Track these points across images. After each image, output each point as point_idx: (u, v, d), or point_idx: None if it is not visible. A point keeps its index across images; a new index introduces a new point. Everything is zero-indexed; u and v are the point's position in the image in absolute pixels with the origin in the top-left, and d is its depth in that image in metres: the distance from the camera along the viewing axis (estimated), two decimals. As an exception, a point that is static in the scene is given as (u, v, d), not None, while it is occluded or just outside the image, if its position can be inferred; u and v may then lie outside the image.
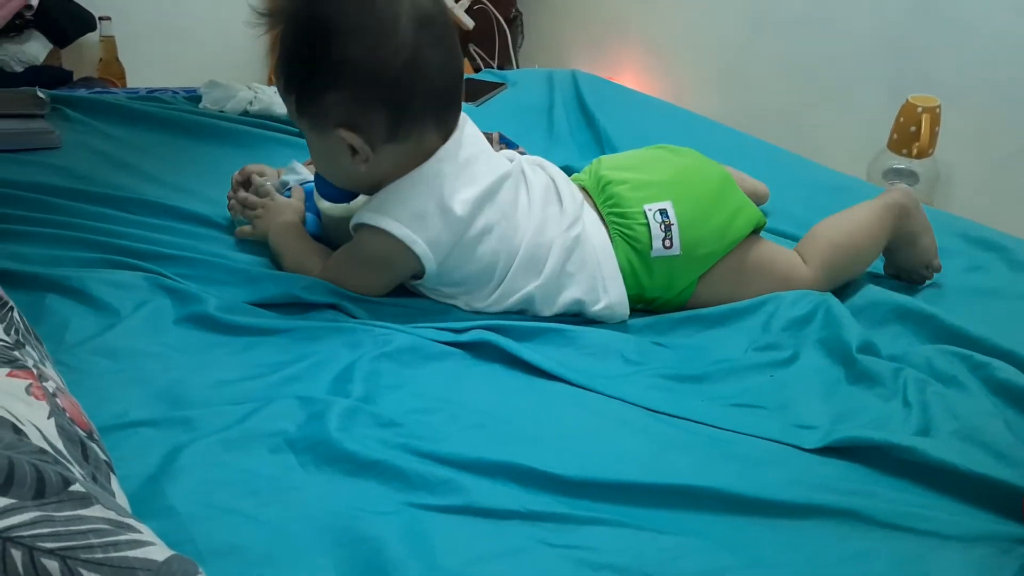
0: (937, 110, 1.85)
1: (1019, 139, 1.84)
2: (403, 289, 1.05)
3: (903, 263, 1.13)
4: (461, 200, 0.97)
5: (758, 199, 1.24)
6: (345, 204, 1.07)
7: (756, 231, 1.11)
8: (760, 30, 2.30)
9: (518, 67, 3.02)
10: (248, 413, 0.77)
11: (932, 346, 0.95)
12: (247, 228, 1.12)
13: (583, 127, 1.69)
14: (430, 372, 0.88)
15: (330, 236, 1.09)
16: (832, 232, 1.11)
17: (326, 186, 1.04)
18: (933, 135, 1.85)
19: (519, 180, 1.04)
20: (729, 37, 2.40)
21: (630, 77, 2.66)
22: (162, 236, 1.08)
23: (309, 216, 1.11)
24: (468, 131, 1.03)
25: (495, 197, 1.00)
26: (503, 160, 1.05)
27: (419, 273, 1.00)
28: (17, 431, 0.57)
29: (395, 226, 0.97)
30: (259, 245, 1.11)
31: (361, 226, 0.99)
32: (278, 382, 0.83)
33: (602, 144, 1.60)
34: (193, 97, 1.57)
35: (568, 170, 1.17)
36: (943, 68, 1.93)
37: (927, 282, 1.13)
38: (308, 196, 1.13)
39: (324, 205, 1.09)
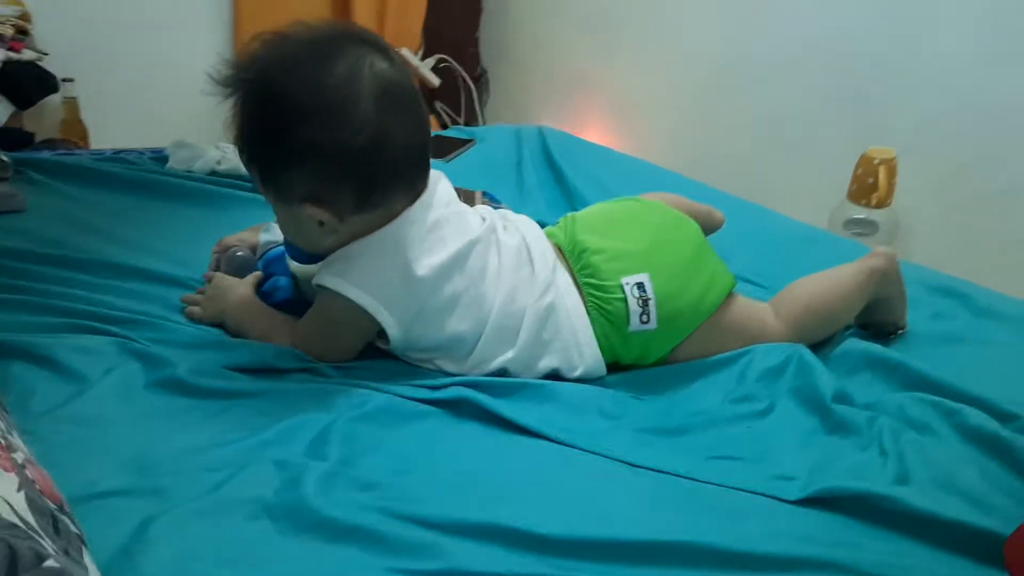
0: (893, 161, 1.90)
1: (974, 188, 1.90)
2: (377, 349, 1.04)
3: (872, 319, 1.14)
4: (426, 265, 0.96)
5: (712, 225, 1.22)
6: (316, 265, 1.06)
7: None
8: (721, 85, 2.36)
9: (484, 123, 3.06)
10: (223, 480, 0.75)
11: (904, 394, 0.96)
12: (195, 309, 1.08)
13: (552, 182, 1.71)
14: (408, 432, 0.87)
15: (308, 296, 1.08)
16: (809, 297, 1.10)
17: (294, 249, 1.04)
18: (891, 185, 1.90)
19: (489, 244, 1.03)
20: (691, 92, 2.46)
21: (595, 132, 2.70)
22: (131, 301, 1.07)
23: (283, 279, 1.10)
24: (440, 191, 1.02)
25: (464, 264, 0.99)
26: (475, 221, 1.04)
27: (385, 338, 0.99)
28: (-13, 506, 0.56)
29: (356, 293, 0.96)
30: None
31: (323, 288, 0.98)
32: (253, 446, 0.81)
33: (572, 199, 1.62)
34: (160, 157, 1.57)
35: (540, 224, 1.17)
36: (899, 120, 1.99)
37: (892, 338, 1.14)
38: (280, 259, 1.12)
39: (295, 267, 1.08)
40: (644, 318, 1.02)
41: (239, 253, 1.15)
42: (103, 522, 0.68)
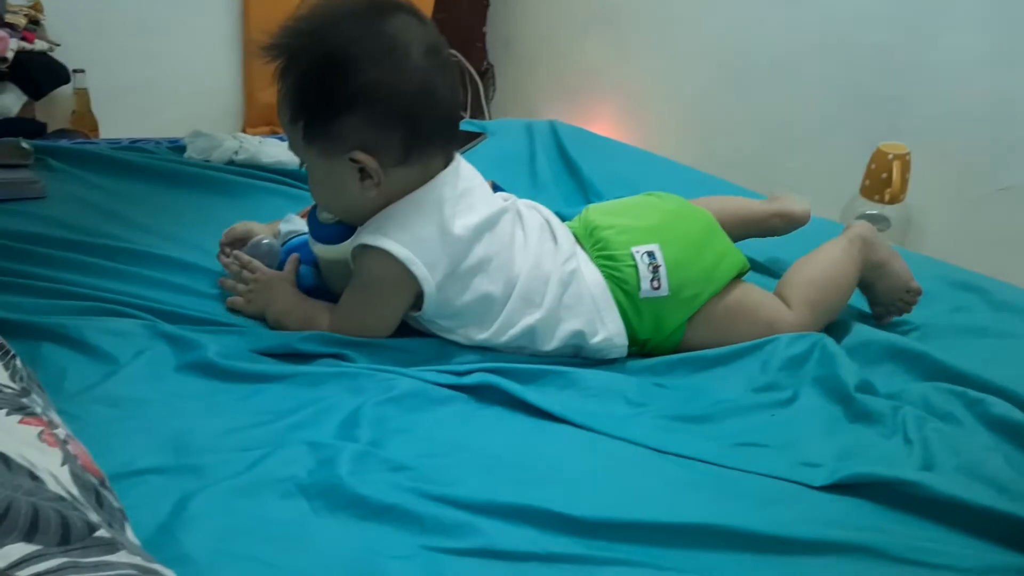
0: (907, 157, 1.90)
1: (986, 184, 1.90)
2: (403, 329, 1.05)
3: (883, 294, 1.16)
4: (461, 225, 0.99)
5: (795, 220, 1.25)
6: (341, 245, 1.07)
7: (740, 275, 1.13)
8: (733, 79, 2.36)
9: (490, 119, 3.06)
10: (257, 459, 0.76)
11: (927, 383, 0.97)
12: (239, 300, 1.08)
13: (566, 176, 1.71)
14: (436, 416, 0.87)
15: (330, 283, 1.09)
16: (807, 271, 1.14)
17: (321, 228, 1.05)
18: (904, 181, 1.90)
19: (515, 216, 1.07)
20: (702, 86, 2.46)
21: (603, 126, 2.70)
22: (154, 290, 1.07)
23: (304, 268, 1.11)
24: (464, 165, 1.06)
25: (494, 228, 1.02)
26: (497, 198, 1.08)
27: (419, 300, 1.00)
28: (34, 478, 0.56)
29: (394, 246, 0.97)
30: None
31: (361, 250, 1.00)
32: (285, 428, 0.82)
33: (587, 192, 1.62)
34: (177, 147, 1.57)
35: (558, 217, 1.18)
36: (911, 116, 1.99)
37: (913, 311, 1.15)
38: (302, 247, 1.13)
39: (319, 249, 1.09)
40: (655, 283, 1.05)
41: (265, 241, 1.15)
42: (142, 499, 0.69)
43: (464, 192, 1.02)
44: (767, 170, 2.20)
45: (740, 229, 1.22)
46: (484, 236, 1.01)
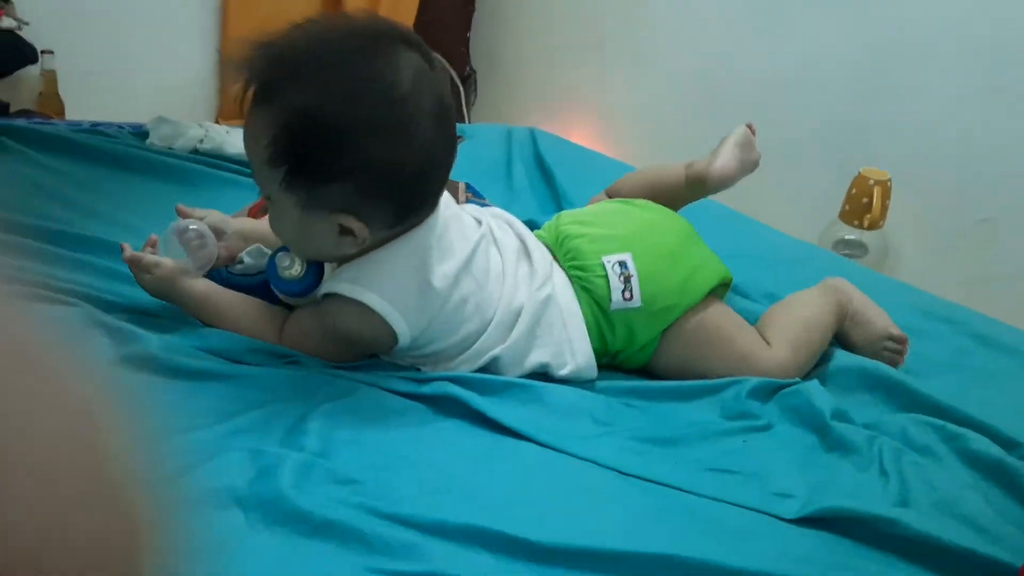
0: (888, 183, 1.89)
1: (965, 214, 1.89)
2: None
3: (865, 345, 1.10)
4: (441, 274, 0.91)
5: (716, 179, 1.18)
6: (309, 296, 0.96)
7: (722, 289, 1.09)
8: (712, 102, 2.34)
9: (470, 124, 3.02)
10: (192, 467, 0.71)
11: (905, 415, 0.94)
12: (147, 279, 0.94)
13: (542, 184, 1.67)
14: (389, 426, 0.82)
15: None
16: (787, 312, 1.10)
17: (284, 284, 0.94)
18: (884, 207, 1.88)
19: (489, 244, 0.99)
20: (680, 107, 2.44)
21: (579, 139, 2.68)
22: (99, 279, 1.00)
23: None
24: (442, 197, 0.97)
25: (471, 268, 0.95)
26: (471, 222, 1.00)
27: (391, 347, 0.93)
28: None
29: (374, 299, 0.89)
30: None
31: (334, 296, 0.91)
32: (226, 433, 0.76)
33: (560, 200, 1.58)
34: (140, 133, 1.51)
35: (531, 224, 1.14)
36: (891, 144, 1.98)
37: (903, 359, 1.10)
38: (259, 289, 1.00)
39: (283, 298, 0.98)
40: (627, 294, 1.00)
41: (192, 227, 0.97)
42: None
43: (443, 230, 0.93)
44: (744, 192, 2.17)
45: (664, 199, 1.16)
46: (462, 280, 0.93)
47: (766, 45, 2.21)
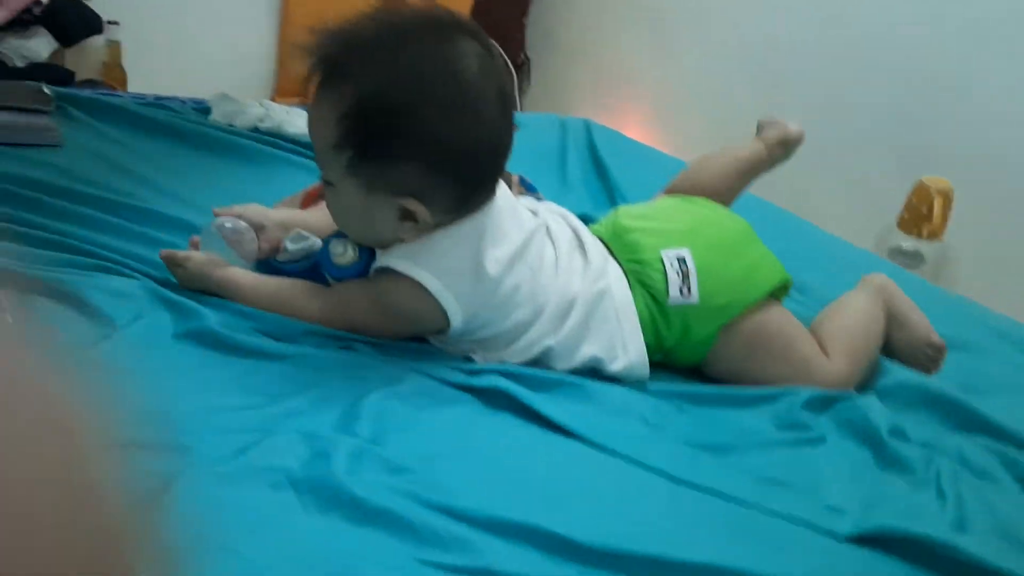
0: (950, 193, 1.84)
1: (1025, 227, 1.84)
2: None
3: (903, 348, 1.09)
4: (494, 259, 0.91)
5: (795, 140, 1.24)
6: None
7: (781, 291, 1.07)
8: (769, 90, 2.30)
9: (521, 111, 3.02)
10: (247, 445, 0.71)
11: (963, 436, 0.92)
12: (180, 274, 0.94)
13: (595, 177, 1.67)
14: (441, 416, 0.82)
15: None
16: (839, 319, 1.08)
17: (337, 270, 0.94)
18: (945, 218, 1.84)
19: (545, 235, 0.99)
20: (737, 96, 2.40)
21: (634, 128, 2.65)
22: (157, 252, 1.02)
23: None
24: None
25: (525, 254, 0.95)
26: (527, 214, 1.00)
27: (442, 330, 0.93)
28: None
29: (428, 279, 0.89)
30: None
31: (387, 271, 0.91)
32: (281, 414, 0.77)
33: (614, 195, 1.57)
34: (202, 109, 1.52)
35: (584, 219, 1.14)
36: (953, 150, 1.93)
37: (951, 357, 1.08)
38: (310, 272, 1.00)
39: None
40: (684, 291, 0.99)
41: (228, 224, 0.98)
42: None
43: (498, 217, 0.94)
44: (797, 188, 2.13)
45: (747, 177, 1.19)
46: (515, 266, 0.93)
47: (829, 32, 2.15)
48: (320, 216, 1.07)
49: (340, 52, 0.87)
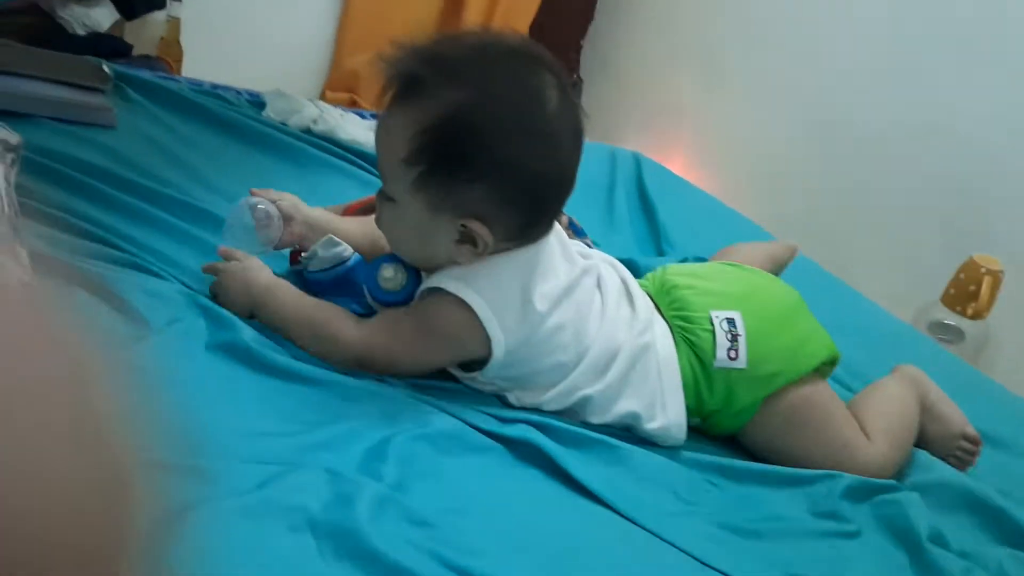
0: (1000, 274, 1.80)
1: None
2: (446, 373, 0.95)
3: (936, 440, 1.07)
4: (542, 294, 0.90)
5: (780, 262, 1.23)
6: None
7: (828, 368, 1.05)
8: (818, 143, 2.26)
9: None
10: (271, 477, 0.69)
11: (1005, 549, 0.88)
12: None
13: (641, 216, 1.64)
14: (468, 465, 0.80)
15: None
16: (876, 404, 1.06)
17: (384, 295, 0.92)
18: (992, 298, 1.80)
19: (594, 279, 0.97)
20: (785, 143, 2.36)
21: (677, 160, 2.62)
22: (203, 254, 1.00)
23: (353, 305, 0.96)
24: None
25: (572, 293, 0.93)
26: (578, 255, 0.98)
27: (482, 361, 0.91)
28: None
29: (477, 301, 0.88)
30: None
31: (435, 292, 0.90)
32: (308, 445, 0.75)
33: (659, 238, 1.55)
34: (256, 102, 1.52)
35: (629, 264, 1.11)
36: (1007, 231, 1.89)
37: (991, 456, 1.05)
38: (348, 283, 0.98)
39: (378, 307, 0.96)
40: (732, 353, 0.96)
41: (260, 205, 0.96)
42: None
43: (550, 251, 0.93)
44: (837, 246, 2.10)
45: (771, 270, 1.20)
46: (562, 304, 0.91)
47: (893, 93, 2.11)
48: (354, 227, 1.06)
49: (423, 68, 0.86)
